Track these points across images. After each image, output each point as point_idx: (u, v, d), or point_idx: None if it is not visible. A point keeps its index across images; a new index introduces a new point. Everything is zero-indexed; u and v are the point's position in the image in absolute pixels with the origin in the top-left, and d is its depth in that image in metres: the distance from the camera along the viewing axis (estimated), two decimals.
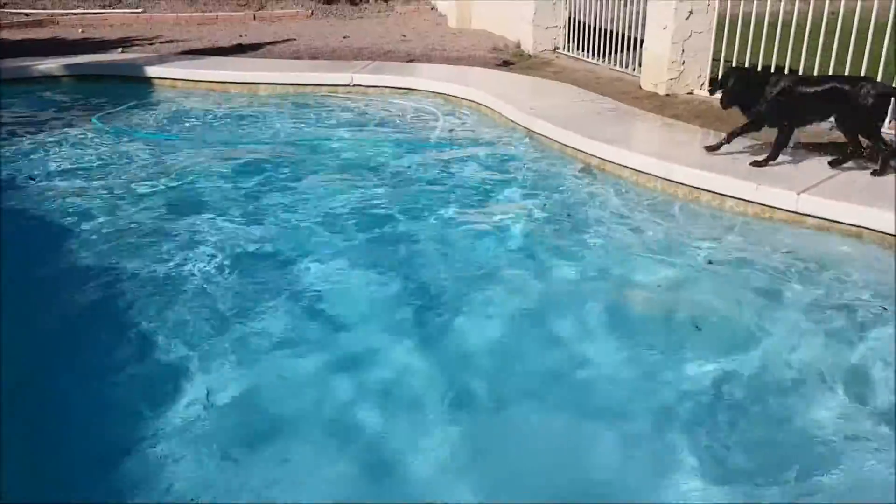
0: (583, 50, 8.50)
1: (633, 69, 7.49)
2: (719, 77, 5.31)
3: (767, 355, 3.33)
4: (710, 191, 4.78)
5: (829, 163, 4.77)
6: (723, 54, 6.39)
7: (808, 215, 4.32)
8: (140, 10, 12.91)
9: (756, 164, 4.82)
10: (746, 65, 5.99)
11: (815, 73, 5.47)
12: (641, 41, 7.17)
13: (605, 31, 8.03)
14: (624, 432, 2.92)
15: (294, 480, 2.69)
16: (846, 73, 5.30)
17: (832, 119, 4.80)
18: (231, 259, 4.24)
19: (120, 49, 9.67)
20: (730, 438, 2.87)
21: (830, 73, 5.43)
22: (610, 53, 7.97)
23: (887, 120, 4.83)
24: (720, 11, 6.53)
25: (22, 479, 2.68)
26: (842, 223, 4.21)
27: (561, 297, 3.91)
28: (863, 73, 5.26)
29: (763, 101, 4.79)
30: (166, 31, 11.41)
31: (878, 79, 5.13)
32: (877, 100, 4.47)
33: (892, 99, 4.80)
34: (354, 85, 7.92)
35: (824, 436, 2.85)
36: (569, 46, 8.84)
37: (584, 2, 8.43)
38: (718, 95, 5.16)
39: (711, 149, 5.06)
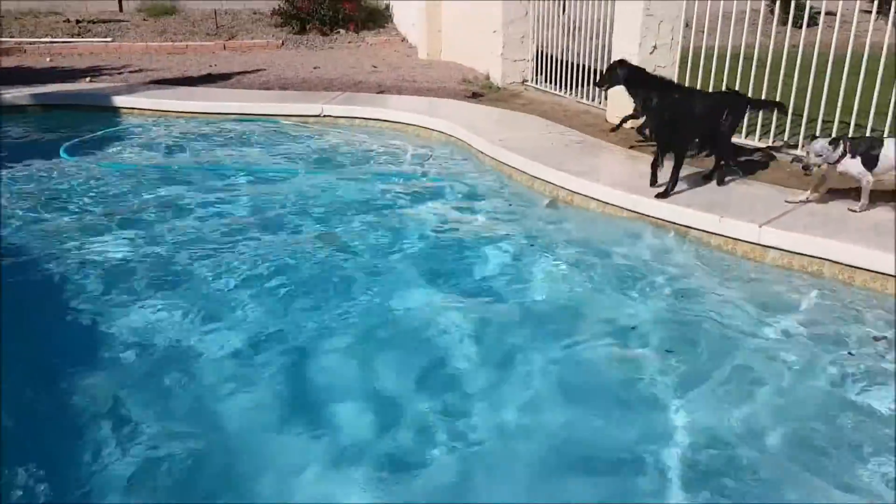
0: (551, 83, 8.63)
1: (600, 102, 7.61)
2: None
3: None
4: (673, 222, 4.86)
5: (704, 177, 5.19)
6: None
7: (770, 247, 4.40)
8: (109, 39, 12.86)
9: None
10: None
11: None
12: None
13: (573, 64, 8.16)
14: None
15: None
16: (805, 105, 5.46)
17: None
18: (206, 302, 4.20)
19: (88, 78, 9.62)
20: None
21: (791, 104, 5.58)
22: (577, 86, 8.10)
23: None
24: (684, 45, 6.69)
25: None
26: (803, 254, 4.30)
27: (519, 328, 3.91)
28: (822, 105, 5.42)
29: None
30: (135, 60, 11.38)
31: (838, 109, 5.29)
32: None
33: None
34: (325, 116, 7.95)
35: None
36: (537, 79, 8.96)
37: (552, 36, 8.58)
38: None
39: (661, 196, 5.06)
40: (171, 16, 14.95)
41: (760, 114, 5.99)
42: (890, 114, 5.10)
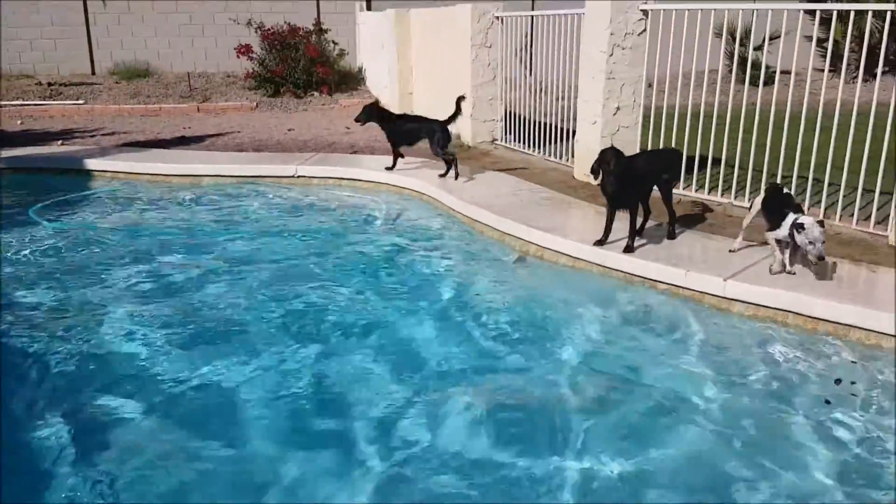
0: (520, 141, 8.85)
1: (567, 160, 7.81)
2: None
3: None
4: (642, 276, 4.97)
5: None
6: (649, 145, 6.72)
7: (735, 300, 4.51)
8: (81, 102, 12.95)
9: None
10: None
11: (734, 160, 5.81)
12: (574, 133, 7.52)
13: (541, 123, 8.39)
14: None
15: None
16: (765, 160, 5.67)
17: None
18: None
19: (59, 141, 9.65)
20: None
21: (751, 160, 5.79)
22: (545, 145, 8.31)
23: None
24: (646, 105, 6.93)
25: None
26: (767, 307, 4.42)
27: (493, 384, 3.94)
28: (781, 161, 5.63)
29: None
30: (108, 122, 11.46)
31: (796, 164, 5.49)
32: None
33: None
34: (299, 176, 8.05)
35: None
36: (506, 138, 9.19)
37: (520, 97, 8.84)
38: None
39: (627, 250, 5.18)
40: (145, 78, 15.14)
41: (722, 169, 6.20)
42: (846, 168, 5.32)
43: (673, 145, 6.49)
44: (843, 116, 5.40)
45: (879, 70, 5.55)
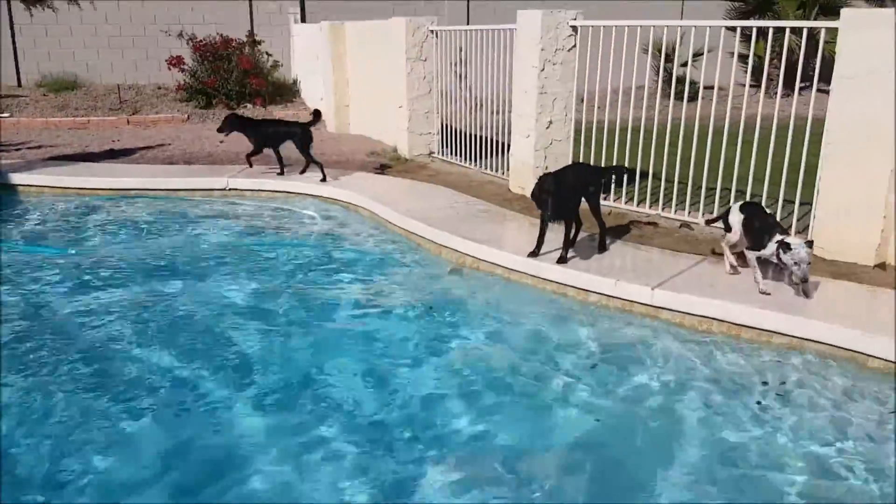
0: (457, 154, 8.92)
1: (503, 173, 7.91)
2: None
3: None
4: (574, 286, 5.06)
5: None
6: (581, 158, 6.86)
7: (662, 308, 4.65)
8: (6, 115, 12.48)
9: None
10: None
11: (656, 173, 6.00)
12: (509, 146, 7.62)
13: (477, 137, 8.48)
14: None
15: None
16: (689, 173, 5.87)
17: None
18: None
19: None
20: None
21: (664, 174, 5.98)
22: (481, 158, 8.40)
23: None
24: (579, 119, 7.08)
25: None
26: (693, 314, 4.55)
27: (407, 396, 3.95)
28: (706, 171, 5.83)
29: None
30: (35, 136, 11.07)
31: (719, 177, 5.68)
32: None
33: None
34: (230, 189, 7.93)
35: None
36: (443, 151, 9.25)
37: (456, 110, 8.92)
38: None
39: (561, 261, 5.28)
40: (73, 91, 14.69)
41: (650, 182, 6.37)
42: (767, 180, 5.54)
43: (604, 159, 6.65)
44: (765, 130, 5.62)
45: (793, 85, 5.81)
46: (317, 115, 8.66)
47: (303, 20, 16.25)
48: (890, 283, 4.72)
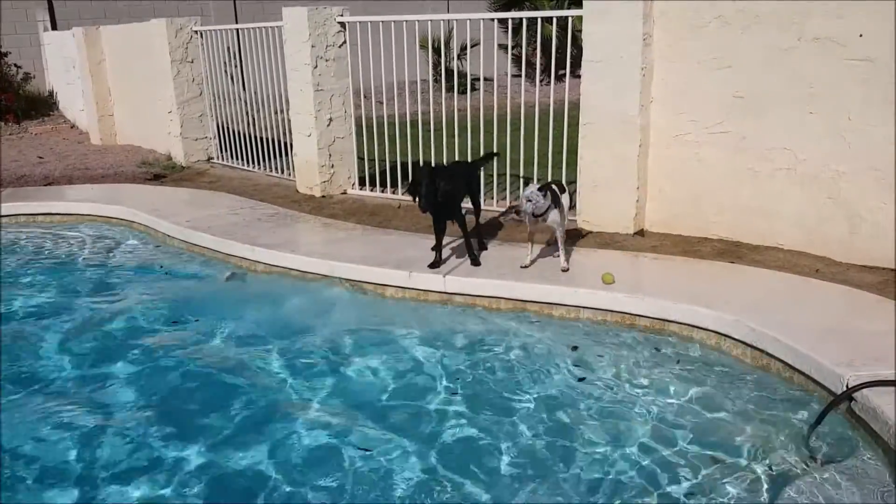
0: (238, 158, 8.59)
1: (289, 174, 7.74)
2: None
3: None
4: (371, 282, 5.08)
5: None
6: (366, 153, 6.91)
7: (454, 293, 4.80)
8: None
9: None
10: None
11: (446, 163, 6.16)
12: (293, 146, 7.47)
13: (259, 138, 8.21)
14: None
15: None
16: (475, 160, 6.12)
17: None
18: None
19: None
20: None
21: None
22: (265, 160, 8.15)
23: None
24: (360, 115, 7.10)
25: None
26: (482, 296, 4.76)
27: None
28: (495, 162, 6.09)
29: None
30: None
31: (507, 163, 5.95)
32: None
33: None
34: None
35: None
36: (223, 156, 8.87)
37: (234, 112, 8.57)
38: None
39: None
40: None
41: None
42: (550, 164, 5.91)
43: (387, 152, 6.73)
44: (539, 116, 5.95)
45: (555, 72, 6.27)
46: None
47: (53, 27, 14.83)
48: (649, 247, 5.23)
